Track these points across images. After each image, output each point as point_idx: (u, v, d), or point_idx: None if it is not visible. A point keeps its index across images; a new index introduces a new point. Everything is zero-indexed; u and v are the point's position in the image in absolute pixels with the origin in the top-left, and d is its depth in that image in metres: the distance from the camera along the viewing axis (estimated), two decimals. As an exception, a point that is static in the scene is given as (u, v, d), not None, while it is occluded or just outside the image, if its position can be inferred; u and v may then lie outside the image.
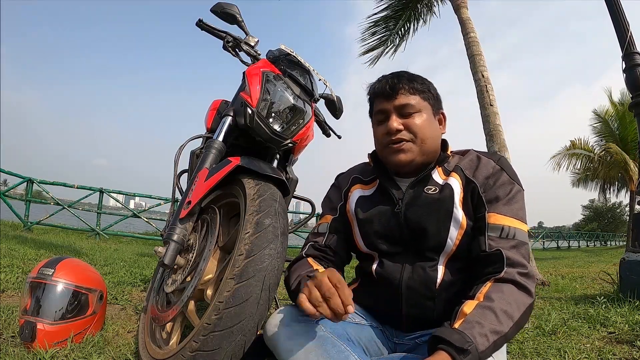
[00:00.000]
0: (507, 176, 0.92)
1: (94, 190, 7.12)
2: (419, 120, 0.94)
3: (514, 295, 0.78)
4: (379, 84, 0.98)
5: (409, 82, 0.95)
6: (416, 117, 0.94)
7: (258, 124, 1.26)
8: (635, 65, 2.51)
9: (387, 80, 0.97)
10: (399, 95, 0.94)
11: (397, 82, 0.95)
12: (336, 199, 1.08)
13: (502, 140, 4.43)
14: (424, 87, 0.96)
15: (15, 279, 2.04)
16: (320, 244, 1.03)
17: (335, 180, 1.13)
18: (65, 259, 1.35)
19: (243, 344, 0.88)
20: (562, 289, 3.31)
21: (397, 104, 0.95)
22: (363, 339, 0.92)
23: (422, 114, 0.95)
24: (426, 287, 0.90)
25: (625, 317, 1.81)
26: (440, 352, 0.68)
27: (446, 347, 0.68)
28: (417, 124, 0.94)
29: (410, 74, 0.97)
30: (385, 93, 0.96)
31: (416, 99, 0.95)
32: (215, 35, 1.54)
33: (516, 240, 0.85)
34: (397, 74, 0.98)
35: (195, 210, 1.15)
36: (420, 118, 0.95)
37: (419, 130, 0.94)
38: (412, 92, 0.95)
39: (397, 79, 0.96)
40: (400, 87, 0.94)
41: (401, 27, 6.73)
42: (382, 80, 0.98)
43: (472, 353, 0.67)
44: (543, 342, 1.51)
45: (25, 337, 1.17)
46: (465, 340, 0.68)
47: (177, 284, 1.14)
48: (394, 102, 0.95)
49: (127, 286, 2.21)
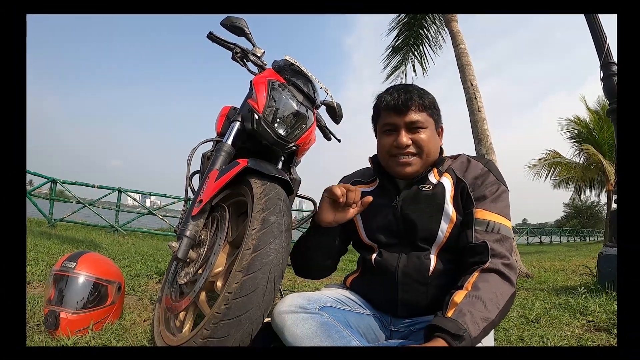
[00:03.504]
0: (494, 177, 0.93)
1: (112, 190, 7.14)
2: (425, 135, 0.95)
3: (498, 285, 0.79)
4: (390, 97, 0.96)
5: (420, 98, 0.94)
6: (423, 133, 0.95)
7: (264, 128, 1.26)
8: (612, 74, 2.50)
9: (400, 95, 0.94)
10: (410, 112, 0.94)
11: (409, 99, 0.93)
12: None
13: (489, 144, 4.43)
14: (431, 104, 0.96)
15: (40, 271, 2.04)
16: None
17: (340, 182, 1.14)
18: (86, 253, 1.35)
19: (250, 331, 0.88)
20: (544, 280, 3.31)
21: (407, 120, 0.94)
22: (362, 326, 0.93)
23: (428, 130, 0.95)
24: (420, 274, 0.91)
25: (603, 306, 1.81)
26: (437, 339, 0.68)
27: (442, 335, 0.68)
28: (423, 139, 0.94)
29: (420, 90, 0.96)
30: (397, 108, 0.94)
31: (424, 116, 0.95)
32: (224, 47, 1.54)
33: (501, 234, 0.86)
34: (408, 89, 0.96)
35: (206, 208, 1.15)
36: (426, 134, 0.95)
37: (425, 145, 0.94)
38: (421, 109, 0.94)
39: (409, 94, 0.94)
40: (412, 104, 0.93)
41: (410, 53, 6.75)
42: (394, 93, 0.96)
43: (466, 339, 0.68)
44: (527, 329, 1.51)
45: (50, 325, 1.18)
46: (459, 327, 0.69)
47: (190, 276, 1.14)
48: (404, 118, 0.94)
49: (143, 278, 2.21)
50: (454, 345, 0.67)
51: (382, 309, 0.98)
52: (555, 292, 2.45)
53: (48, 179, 6.60)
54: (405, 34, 6.58)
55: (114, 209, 7.14)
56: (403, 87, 0.98)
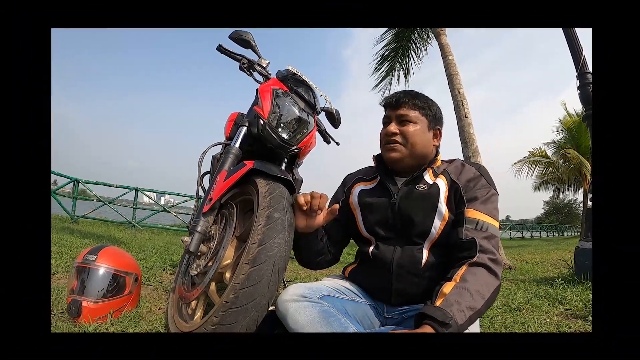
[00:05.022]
0: (485, 181, 0.94)
1: (130, 189, 7.12)
2: (412, 129, 0.98)
3: (484, 278, 0.79)
4: (390, 97, 1.03)
5: (412, 98, 1.00)
6: (410, 126, 0.98)
7: (269, 133, 1.26)
8: (588, 83, 2.50)
9: (398, 94, 1.02)
10: (401, 107, 0.99)
11: (402, 97, 1.00)
12: (340, 194, 1.12)
13: (475, 147, 4.43)
14: (424, 105, 1.00)
15: (64, 264, 2.04)
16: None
17: (343, 179, 1.16)
18: (106, 247, 1.35)
19: (256, 318, 0.88)
20: (525, 272, 3.31)
21: (398, 113, 0.99)
22: (358, 314, 0.93)
23: (417, 125, 0.98)
24: (413, 266, 0.91)
25: (579, 296, 1.81)
26: (425, 326, 0.68)
27: (430, 322, 0.68)
28: (409, 131, 0.97)
29: (415, 93, 1.02)
30: (392, 104, 1.01)
31: (415, 113, 0.99)
32: (232, 58, 1.54)
33: (488, 232, 0.86)
34: (406, 92, 1.03)
35: (216, 206, 1.15)
36: (414, 127, 0.98)
37: (410, 136, 0.97)
38: (412, 107, 0.99)
39: (405, 95, 1.01)
40: (404, 102, 0.99)
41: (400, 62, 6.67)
42: (394, 94, 1.03)
43: (452, 326, 0.68)
44: (510, 317, 1.50)
45: (72, 313, 1.18)
46: (446, 315, 0.69)
47: (201, 268, 1.14)
48: (396, 111, 1.00)
49: (158, 270, 2.21)
50: (440, 332, 0.67)
51: (378, 298, 0.98)
52: (536, 282, 2.45)
53: (71, 179, 6.59)
54: (393, 46, 6.53)
55: (132, 207, 7.12)
56: (406, 90, 1.04)
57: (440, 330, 0.67)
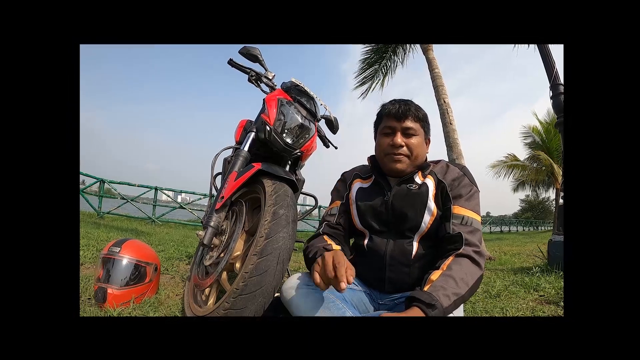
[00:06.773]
0: (468, 180, 0.94)
1: (150, 188, 7.12)
2: (415, 141, 0.95)
3: (469, 268, 0.79)
4: (392, 106, 0.97)
5: (416, 111, 0.96)
6: (414, 139, 0.95)
7: (275, 138, 1.26)
8: (560, 93, 2.50)
9: (400, 105, 0.96)
10: (406, 120, 0.95)
11: (407, 109, 0.95)
12: (342, 189, 1.08)
13: (459, 150, 4.44)
14: (423, 118, 0.97)
15: (91, 255, 2.04)
16: (332, 222, 1.02)
17: (341, 176, 1.12)
18: (128, 240, 1.35)
19: (263, 304, 0.88)
20: (504, 262, 3.30)
21: (404, 125, 0.95)
22: (355, 300, 0.92)
23: (419, 137, 0.96)
24: (404, 257, 0.91)
25: (552, 284, 1.81)
26: (413, 307, 0.68)
27: (418, 304, 0.68)
28: (414, 143, 0.95)
29: (416, 105, 0.98)
30: (397, 115, 0.95)
31: (417, 125, 0.96)
32: (242, 71, 1.54)
33: (473, 227, 0.86)
34: (407, 102, 0.97)
35: (227, 203, 1.15)
36: (417, 140, 0.96)
37: (415, 149, 0.95)
38: (415, 119, 0.95)
39: (408, 106, 0.96)
40: (409, 114, 0.95)
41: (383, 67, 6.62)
42: (395, 104, 0.97)
43: (438, 308, 0.68)
44: (490, 303, 1.50)
45: (99, 299, 1.18)
46: (432, 298, 0.69)
47: (214, 259, 1.14)
48: (402, 123, 0.95)
49: (175, 260, 2.21)
50: (427, 313, 0.67)
51: (372, 286, 0.98)
52: (513, 272, 2.44)
53: (97, 179, 6.59)
54: (374, 58, 6.45)
55: (152, 204, 7.12)
56: (404, 100, 0.99)
57: (427, 312, 0.67)
